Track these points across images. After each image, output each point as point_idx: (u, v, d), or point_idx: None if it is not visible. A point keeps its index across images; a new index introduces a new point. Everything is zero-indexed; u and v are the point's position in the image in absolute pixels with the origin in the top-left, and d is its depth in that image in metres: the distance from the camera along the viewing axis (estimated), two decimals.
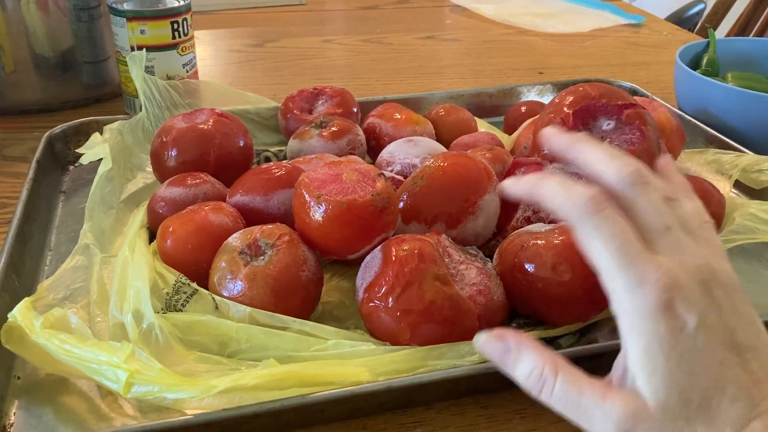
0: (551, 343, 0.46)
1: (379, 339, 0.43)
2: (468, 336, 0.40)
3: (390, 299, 0.42)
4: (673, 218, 0.35)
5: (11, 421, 0.40)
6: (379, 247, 0.45)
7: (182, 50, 0.76)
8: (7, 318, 0.42)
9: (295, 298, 0.45)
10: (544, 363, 0.33)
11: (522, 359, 0.34)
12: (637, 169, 0.35)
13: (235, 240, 0.47)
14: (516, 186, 0.38)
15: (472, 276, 0.45)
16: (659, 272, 0.32)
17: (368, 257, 0.46)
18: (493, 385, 0.43)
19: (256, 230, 0.47)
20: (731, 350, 0.32)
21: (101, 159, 0.61)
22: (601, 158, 0.36)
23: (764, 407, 0.30)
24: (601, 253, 0.33)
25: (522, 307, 0.47)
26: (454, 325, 0.42)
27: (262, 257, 0.45)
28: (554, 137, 0.39)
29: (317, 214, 0.45)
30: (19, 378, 0.43)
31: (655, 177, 0.36)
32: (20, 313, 0.42)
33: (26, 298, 0.44)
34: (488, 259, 0.48)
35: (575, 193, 0.34)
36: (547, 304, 0.45)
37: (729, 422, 0.30)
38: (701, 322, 0.31)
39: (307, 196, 0.46)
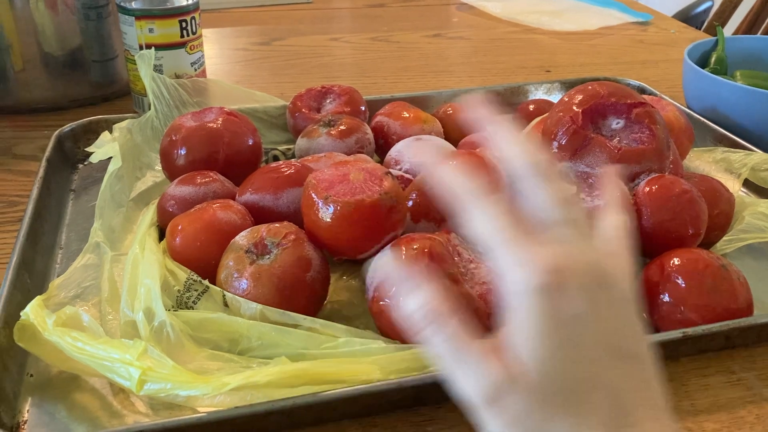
0: None
1: (389, 337, 0.44)
2: (477, 335, 0.39)
3: None
4: (566, 216, 0.33)
5: (25, 418, 0.41)
6: (388, 245, 0.46)
7: (190, 49, 0.77)
8: (20, 316, 0.42)
9: (300, 297, 0.45)
10: (446, 300, 0.31)
11: (425, 289, 0.31)
12: (543, 160, 0.34)
13: (241, 238, 0.47)
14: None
15: (482, 275, 0.45)
16: (547, 253, 0.30)
17: (378, 256, 0.46)
18: None
19: (262, 229, 0.47)
20: (612, 352, 0.30)
21: (111, 157, 0.61)
22: (513, 142, 0.35)
23: (637, 416, 0.29)
24: (486, 233, 0.31)
25: None
26: (464, 324, 0.42)
27: (268, 256, 0.45)
28: (474, 111, 0.37)
29: (326, 215, 0.45)
30: (32, 375, 0.44)
31: (559, 178, 0.35)
32: (32, 311, 0.42)
33: (38, 297, 0.44)
34: None
35: (464, 178, 0.33)
36: None
37: (600, 424, 0.29)
38: (588, 312, 0.30)
39: (315, 197, 0.46)
